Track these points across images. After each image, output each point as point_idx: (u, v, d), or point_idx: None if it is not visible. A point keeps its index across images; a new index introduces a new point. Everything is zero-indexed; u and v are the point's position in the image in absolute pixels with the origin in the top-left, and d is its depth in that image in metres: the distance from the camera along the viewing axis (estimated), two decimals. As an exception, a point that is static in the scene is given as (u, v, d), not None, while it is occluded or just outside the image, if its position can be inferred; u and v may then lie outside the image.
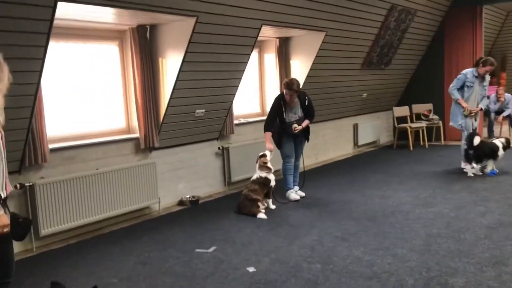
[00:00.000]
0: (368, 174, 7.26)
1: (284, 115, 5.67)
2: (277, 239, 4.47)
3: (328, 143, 8.94)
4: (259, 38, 7.15)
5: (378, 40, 8.43)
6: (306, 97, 5.79)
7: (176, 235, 4.72)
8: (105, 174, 5.03)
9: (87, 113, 5.22)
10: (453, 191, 5.93)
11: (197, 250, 4.24)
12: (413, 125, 9.64)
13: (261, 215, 5.16)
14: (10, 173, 4.18)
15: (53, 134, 4.77)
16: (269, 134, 5.65)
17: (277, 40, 7.43)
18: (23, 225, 2.60)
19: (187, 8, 4.88)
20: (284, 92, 5.62)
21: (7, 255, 2.50)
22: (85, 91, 5.20)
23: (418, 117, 10.11)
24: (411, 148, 9.42)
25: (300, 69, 7.50)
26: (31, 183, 4.42)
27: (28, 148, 4.33)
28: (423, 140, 9.66)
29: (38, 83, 4.06)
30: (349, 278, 3.48)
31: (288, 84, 5.58)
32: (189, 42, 5.13)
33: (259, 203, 5.27)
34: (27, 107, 4.09)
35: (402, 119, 9.86)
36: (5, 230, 2.40)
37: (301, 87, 7.12)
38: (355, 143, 9.71)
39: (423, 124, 9.74)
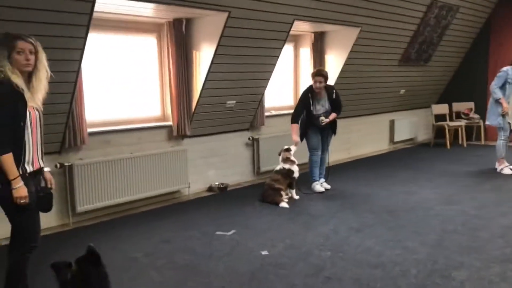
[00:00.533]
0: (398, 170, 7.28)
1: (312, 107, 5.82)
2: (295, 226, 4.67)
3: (362, 138, 8.98)
4: (294, 32, 7.32)
5: (416, 37, 8.36)
6: (334, 90, 5.91)
7: (201, 218, 5.01)
8: (139, 158, 5.38)
9: (124, 100, 5.57)
10: (481, 191, 5.90)
11: (218, 232, 4.50)
12: (451, 123, 9.49)
13: (283, 204, 5.36)
14: (51, 153, 4.64)
15: (92, 119, 5.14)
16: (295, 126, 5.82)
17: (312, 34, 7.55)
18: (44, 198, 2.91)
19: (219, 4, 5.12)
20: (313, 80, 5.75)
21: (28, 223, 2.81)
22: (124, 80, 5.55)
23: (459, 115, 9.93)
24: (448, 147, 9.29)
25: (334, 64, 7.60)
26: (70, 163, 4.82)
27: (68, 131, 4.72)
28: (462, 139, 9.50)
29: (78, 71, 4.43)
30: (355, 266, 3.64)
31: (317, 71, 5.77)
32: (221, 36, 5.37)
33: (282, 193, 5.47)
34: (68, 93, 4.47)
35: (441, 117, 9.72)
36: (22, 201, 2.70)
37: (335, 81, 7.29)
38: (391, 140, 9.68)
39: (462, 122, 9.57)
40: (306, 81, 7.64)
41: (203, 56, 5.60)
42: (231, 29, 5.42)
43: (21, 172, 2.70)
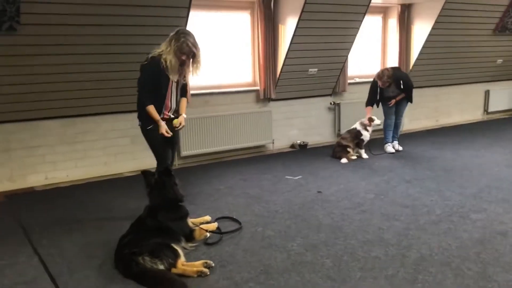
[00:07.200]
0: (478, 137, 7.54)
1: (379, 95, 6.45)
2: (353, 176, 5.44)
3: (452, 107, 9.18)
4: (384, 4, 7.83)
5: (513, 5, 8.26)
6: (401, 81, 6.39)
7: (277, 166, 6.01)
8: (231, 116, 6.51)
9: (221, 68, 6.69)
10: (552, 158, 6.05)
11: (287, 176, 5.47)
12: (551, 94, 9.21)
13: (343, 160, 6.13)
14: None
15: (194, 83, 6.33)
16: (369, 108, 6.48)
17: (399, 6, 7.95)
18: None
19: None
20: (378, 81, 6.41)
21: (165, 151, 4.10)
22: (222, 51, 6.65)
23: None
24: (547, 118, 9.09)
25: (420, 34, 7.94)
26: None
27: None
28: None
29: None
30: (390, 205, 4.36)
31: (378, 75, 6.38)
32: (302, 11, 6.18)
33: (349, 150, 6.22)
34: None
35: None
36: (165, 133, 3.96)
37: (420, 51, 7.71)
38: (485, 110, 9.67)
39: None
40: (394, 51, 8.15)
41: (287, 30, 6.47)
42: (311, 5, 6.19)
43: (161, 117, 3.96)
